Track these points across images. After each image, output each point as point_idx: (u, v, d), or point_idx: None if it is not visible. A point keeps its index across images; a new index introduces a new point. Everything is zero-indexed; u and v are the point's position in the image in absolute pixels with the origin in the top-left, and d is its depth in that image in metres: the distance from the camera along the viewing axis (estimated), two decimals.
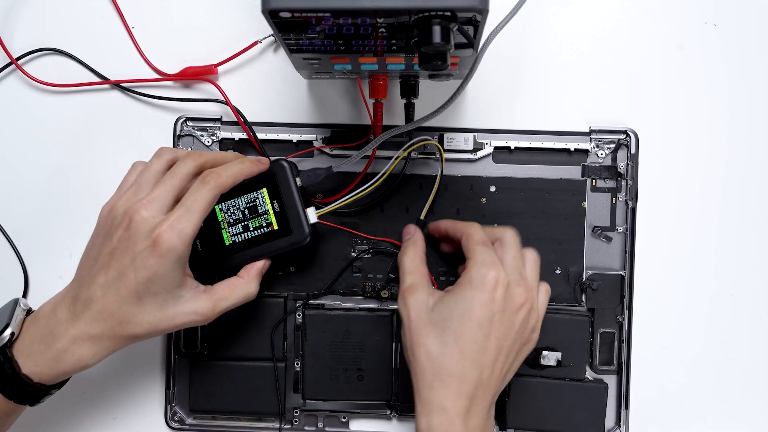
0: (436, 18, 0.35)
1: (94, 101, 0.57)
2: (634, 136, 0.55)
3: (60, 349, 0.44)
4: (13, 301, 0.47)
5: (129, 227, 0.43)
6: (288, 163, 0.50)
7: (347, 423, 0.56)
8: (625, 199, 0.55)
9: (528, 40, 0.56)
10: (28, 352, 0.44)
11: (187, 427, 0.56)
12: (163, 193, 0.44)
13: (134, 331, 0.44)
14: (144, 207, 0.43)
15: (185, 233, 0.43)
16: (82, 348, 0.44)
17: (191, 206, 0.44)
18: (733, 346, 0.56)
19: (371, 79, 0.52)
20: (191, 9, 0.57)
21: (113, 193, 0.47)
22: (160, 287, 0.44)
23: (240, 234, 0.50)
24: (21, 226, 0.58)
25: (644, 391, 0.56)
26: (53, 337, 0.44)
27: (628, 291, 0.55)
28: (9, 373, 0.44)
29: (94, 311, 0.44)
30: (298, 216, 0.49)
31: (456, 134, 0.55)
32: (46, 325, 0.45)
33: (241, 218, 0.50)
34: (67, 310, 0.44)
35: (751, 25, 0.56)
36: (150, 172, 0.46)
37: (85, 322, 0.44)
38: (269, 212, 0.50)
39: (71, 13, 0.58)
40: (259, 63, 0.57)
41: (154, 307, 0.44)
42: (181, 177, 0.45)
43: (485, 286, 0.45)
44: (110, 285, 0.43)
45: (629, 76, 0.56)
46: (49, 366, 0.44)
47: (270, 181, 0.50)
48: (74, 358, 0.44)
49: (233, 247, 0.50)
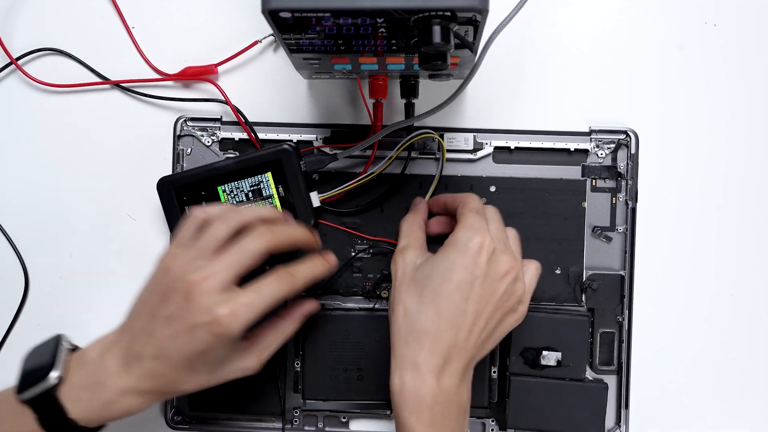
0: (436, 18, 0.35)
1: (94, 101, 0.57)
2: (634, 136, 0.55)
3: (109, 399, 0.43)
4: (54, 339, 0.46)
5: (189, 298, 0.42)
6: (293, 148, 0.51)
7: (347, 423, 0.56)
8: (625, 199, 0.55)
9: (528, 40, 0.56)
10: (76, 398, 0.43)
11: (187, 427, 0.56)
12: (227, 268, 0.43)
13: (183, 390, 0.45)
14: (205, 281, 0.42)
15: (246, 321, 0.42)
16: (131, 400, 0.44)
17: (262, 298, 0.43)
18: (733, 346, 0.56)
19: (371, 79, 0.52)
20: (191, 9, 0.57)
21: (171, 243, 0.47)
22: (213, 359, 0.44)
23: None
24: (21, 226, 0.58)
25: (644, 391, 0.56)
26: (102, 387, 0.43)
27: (628, 291, 0.55)
28: (57, 417, 0.43)
29: (145, 369, 0.43)
30: (303, 201, 0.51)
31: (456, 134, 0.55)
32: (95, 373, 0.44)
33: (245, 201, 0.52)
34: (117, 360, 0.44)
35: (751, 25, 0.56)
36: (214, 237, 0.44)
37: (136, 378, 0.43)
38: (274, 196, 0.51)
39: (71, 13, 0.58)
40: (259, 63, 0.57)
41: (204, 372, 0.44)
42: (250, 257, 0.44)
43: (469, 249, 0.45)
44: (163, 349, 0.43)
45: (629, 76, 0.56)
46: (96, 413, 0.43)
47: (275, 166, 0.51)
48: (122, 408, 0.44)
49: None
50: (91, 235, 0.57)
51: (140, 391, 0.44)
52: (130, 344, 0.44)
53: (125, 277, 0.57)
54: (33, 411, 0.43)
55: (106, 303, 0.57)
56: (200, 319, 0.42)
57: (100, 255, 0.57)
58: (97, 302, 0.57)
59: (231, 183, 0.52)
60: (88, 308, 0.57)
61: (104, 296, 0.57)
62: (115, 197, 0.57)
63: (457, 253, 0.45)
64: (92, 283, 0.57)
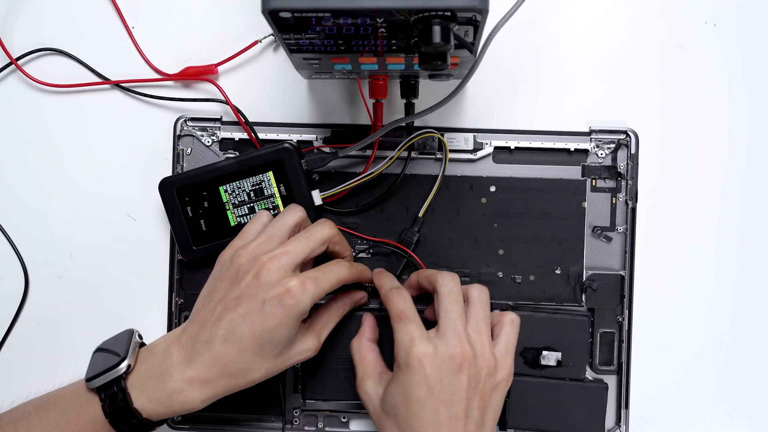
0: (436, 18, 0.35)
1: (94, 101, 0.57)
2: (634, 136, 0.55)
3: (174, 389, 0.44)
4: (127, 332, 0.47)
5: (259, 275, 0.44)
6: (294, 147, 0.51)
7: (347, 423, 0.56)
8: (625, 199, 0.55)
9: (528, 40, 0.56)
10: (142, 387, 0.44)
11: (187, 427, 0.56)
12: (297, 249, 0.45)
13: (249, 379, 0.45)
14: (277, 258, 0.44)
15: (314, 294, 0.44)
16: (194, 391, 0.44)
17: (328, 275, 0.45)
18: (733, 346, 0.56)
19: (371, 79, 0.52)
20: (191, 9, 0.57)
21: (235, 240, 0.48)
22: (281, 337, 0.44)
23: (245, 215, 0.52)
24: (21, 227, 0.58)
25: (644, 391, 0.56)
26: (168, 376, 0.44)
27: (628, 291, 0.55)
28: (122, 405, 0.44)
29: (213, 355, 0.44)
30: (304, 199, 0.51)
31: (456, 134, 0.55)
32: (162, 363, 0.45)
33: (247, 200, 0.52)
34: (184, 350, 0.45)
35: (751, 25, 0.56)
36: (282, 226, 0.47)
37: (202, 366, 0.44)
38: (275, 195, 0.51)
39: (71, 13, 0.58)
40: (259, 63, 0.57)
41: (273, 355, 0.45)
42: (317, 240, 0.46)
43: (411, 367, 0.44)
44: (234, 329, 0.44)
45: (629, 76, 0.56)
46: (161, 404, 0.44)
47: (276, 165, 0.51)
48: (185, 399, 0.44)
49: (238, 228, 0.51)
50: (91, 235, 0.57)
51: (206, 380, 0.44)
52: (197, 333, 0.45)
53: (125, 277, 0.57)
54: (100, 399, 0.44)
55: (106, 303, 0.57)
56: (271, 293, 0.43)
57: (100, 255, 0.57)
58: (97, 302, 0.57)
59: (233, 183, 0.52)
60: (88, 308, 0.57)
61: (104, 296, 0.57)
62: (115, 197, 0.57)
63: (404, 375, 0.44)
64: (92, 283, 0.57)
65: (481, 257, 0.55)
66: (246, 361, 0.44)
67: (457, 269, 0.55)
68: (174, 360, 0.44)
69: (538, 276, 0.55)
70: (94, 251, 0.57)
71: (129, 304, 0.57)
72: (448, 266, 0.55)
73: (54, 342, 0.57)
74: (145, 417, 0.44)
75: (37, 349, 0.57)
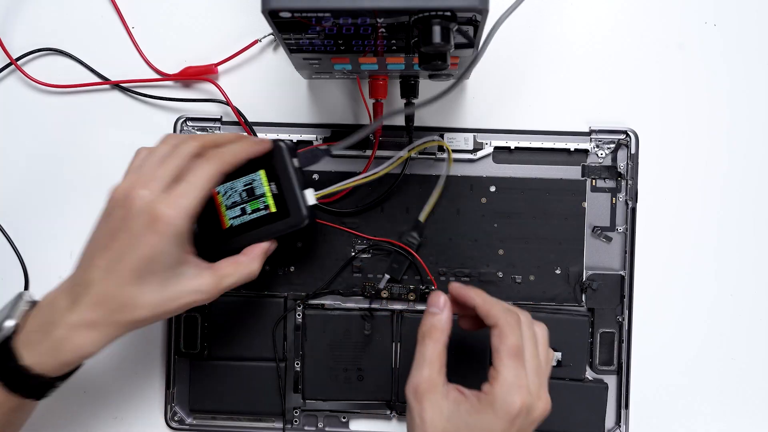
0: (436, 18, 0.35)
1: (94, 101, 0.57)
2: (634, 136, 0.55)
3: (59, 337, 0.42)
4: (17, 295, 0.46)
5: (130, 206, 0.42)
6: (285, 144, 0.49)
7: (347, 423, 0.56)
8: (625, 199, 0.55)
9: (528, 40, 0.56)
10: (28, 342, 0.43)
11: (187, 427, 0.56)
12: (164, 172, 0.43)
13: (136, 315, 0.43)
14: (143, 185, 0.42)
15: (184, 207, 0.42)
16: (81, 336, 0.42)
17: (191, 181, 0.43)
18: (733, 346, 0.56)
19: (371, 79, 0.52)
20: (191, 9, 0.57)
21: None
22: (161, 265, 0.42)
23: (238, 217, 0.49)
24: (21, 226, 0.58)
25: (644, 391, 0.56)
26: (52, 326, 0.42)
27: (628, 291, 0.55)
28: (10, 365, 0.42)
29: (93, 295, 0.42)
30: (295, 198, 0.48)
31: (456, 134, 0.55)
32: (48, 314, 0.43)
33: (239, 201, 0.49)
34: (67, 296, 0.43)
35: (751, 25, 0.56)
36: (155, 157, 0.44)
37: (85, 308, 0.42)
38: (266, 194, 0.48)
39: (71, 13, 0.58)
40: (259, 62, 0.57)
41: (155, 286, 0.43)
42: (183, 157, 0.44)
43: (509, 414, 0.41)
44: (110, 266, 0.42)
45: (629, 76, 0.56)
46: (50, 355, 0.42)
47: (268, 163, 0.49)
48: (74, 345, 0.42)
49: (232, 231, 0.49)
50: None
51: (91, 323, 0.42)
52: (79, 276, 0.43)
53: None
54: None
55: None
56: (141, 221, 0.41)
57: None
58: None
59: (226, 183, 0.49)
60: None
61: None
62: None
63: (496, 417, 0.41)
64: None
65: (481, 257, 0.55)
66: (127, 296, 0.42)
67: (457, 269, 0.55)
68: (58, 308, 0.43)
69: (538, 276, 0.55)
70: None
71: None
72: (448, 266, 0.55)
73: None
74: (38, 373, 0.42)
75: None
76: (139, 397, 0.57)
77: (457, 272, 0.55)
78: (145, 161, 0.45)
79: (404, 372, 0.53)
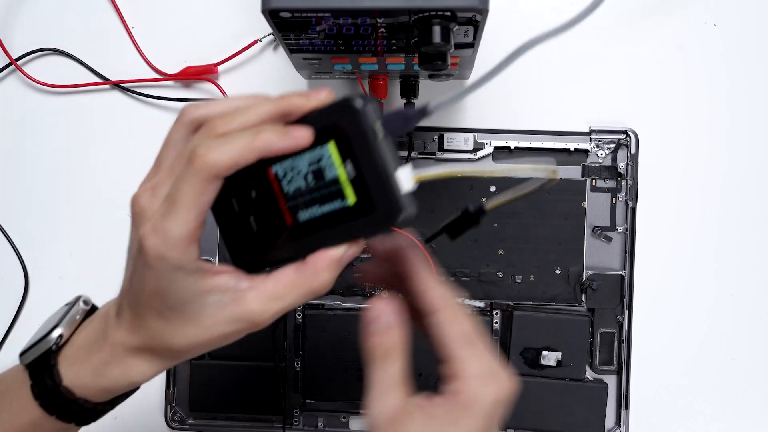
0: (436, 18, 0.35)
1: (95, 101, 0.57)
2: (634, 136, 0.55)
3: (102, 360, 0.35)
4: (75, 299, 0.38)
5: (132, 220, 0.34)
6: (363, 102, 0.31)
7: (347, 423, 0.56)
8: (625, 199, 0.55)
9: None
10: (73, 359, 0.35)
11: (187, 427, 0.56)
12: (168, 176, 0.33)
13: (174, 346, 0.33)
14: (141, 195, 0.33)
15: (172, 236, 0.31)
16: (124, 361, 0.34)
17: (175, 198, 0.31)
18: (733, 346, 0.56)
19: (371, 79, 0.52)
20: (191, 9, 0.57)
21: None
22: (174, 300, 0.32)
23: (305, 209, 0.33)
24: (22, 227, 0.58)
25: (644, 391, 0.56)
26: (99, 343, 0.35)
27: (628, 291, 0.55)
28: (48, 383, 0.35)
29: (128, 320, 0.34)
30: (384, 183, 0.32)
31: (456, 134, 0.55)
32: (98, 327, 0.36)
33: (304, 188, 0.33)
34: (115, 308, 0.36)
35: (751, 25, 0.56)
36: (169, 146, 0.35)
37: (126, 331, 0.34)
38: (341, 179, 0.32)
39: (71, 13, 0.57)
40: (259, 62, 0.57)
41: (181, 321, 0.33)
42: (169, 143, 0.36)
43: (486, 411, 0.32)
44: (130, 294, 0.34)
45: (629, 76, 0.56)
46: (90, 379, 0.35)
47: (338, 133, 0.32)
48: (117, 373, 0.35)
49: (298, 228, 0.33)
50: (91, 235, 0.57)
51: (133, 348, 0.34)
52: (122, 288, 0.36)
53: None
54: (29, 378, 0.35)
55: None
56: (135, 248, 0.33)
57: (100, 255, 0.57)
58: (97, 302, 0.57)
59: (284, 162, 0.33)
60: None
61: (104, 296, 0.57)
62: (116, 197, 0.57)
63: (473, 419, 0.32)
64: (92, 283, 0.57)
65: (481, 257, 0.55)
66: (156, 329, 0.33)
67: (457, 269, 0.55)
68: (110, 322, 0.35)
69: (538, 276, 0.55)
70: (94, 251, 0.57)
71: None
72: (448, 266, 0.55)
73: None
74: (80, 396, 0.35)
75: None
76: (139, 397, 0.57)
77: (457, 272, 0.55)
78: (160, 152, 0.35)
79: None
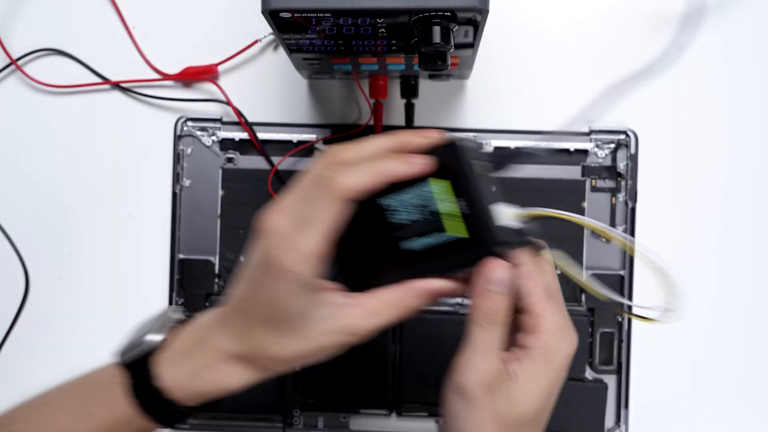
0: (436, 18, 0.35)
1: (95, 102, 0.57)
2: (634, 136, 0.55)
3: (200, 364, 0.37)
4: (164, 311, 0.42)
5: (261, 237, 0.35)
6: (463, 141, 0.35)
7: (347, 423, 0.56)
8: (624, 199, 0.55)
9: (528, 40, 0.56)
10: (171, 362, 0.38)
11: (187, 426, 0.56)
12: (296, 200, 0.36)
13: (275, 355, 0.37)
14: (276, 213, 0.35)
15: (304, 252, 0.34)
16: (225, 369, 0.37)
17: (308, 218, 0.34)
18: (733, 346, 0.56)
19: (371, 79, 0.52)
20: (191, 9, 0.57)
21: None
22: (285, 311, 0.35)
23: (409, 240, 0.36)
24: (22, 227, 0.58)
25: (644, 390, 0.56)
26: (198, 349, 0.38)
27: (628, 291, 0.55)
28: (147, 383, 0.37)
29: (235, 327, 0.37)
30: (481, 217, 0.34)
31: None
32: (197, 335, 0.38)
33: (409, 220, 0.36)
34: (219, 320, 0.38)
35: (751, 25, 0.56)
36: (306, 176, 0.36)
37: (230, 337, 0.37)
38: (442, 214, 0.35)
39: (71, 13, 0.58)
40: (259, 62, 0.57)
41: (287, 331, 0.36)
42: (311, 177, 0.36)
43: (562, 364, 0.37)
44: (241, 303, 0.37)
45: (629, 77, 0.56)
46: (189, 382, 0.37)
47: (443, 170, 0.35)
48: (217, 378, 0.37)
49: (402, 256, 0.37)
50: (92, 235, 0.57)
51: (234, 356, 0.37)
52: (229, 300, 0.38)
53: (125, 277, 0.57)
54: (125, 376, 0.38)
55: (106, 303, 0.57)
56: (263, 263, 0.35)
57: (100, 255, 0.57)
58: (97, 302, 0.57)
59: (393, 196, 0.36)
60: (88, 308, 0.57)
61: (104, 297, 0.57)
62: (116, 197, 0.57)
63: (553, 370, 0.37)
64: (92, 283, 0.57)
65: None
66: (260, 338, 0.36)
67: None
68: (209, 331, 0.38)
69: None
70: (94, 251, 0.57)
71: (129, 304, 0.57)
72: None
73: (54, 342, 0.57)
74: (175, 397, 0.37)
75: (38, 349, 0.57)
76: None
77: None
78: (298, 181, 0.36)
79: (405, 372, 0.53)
